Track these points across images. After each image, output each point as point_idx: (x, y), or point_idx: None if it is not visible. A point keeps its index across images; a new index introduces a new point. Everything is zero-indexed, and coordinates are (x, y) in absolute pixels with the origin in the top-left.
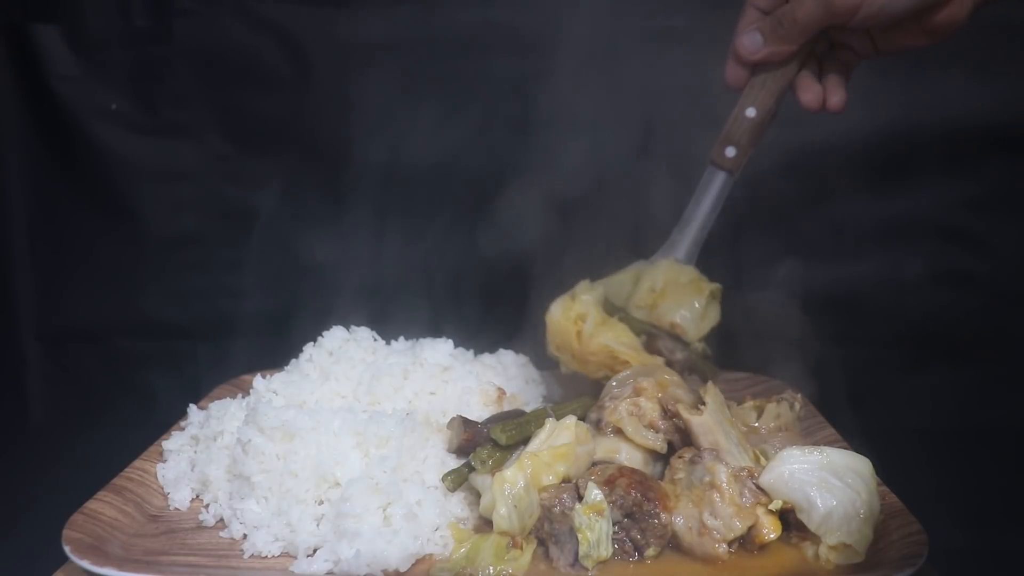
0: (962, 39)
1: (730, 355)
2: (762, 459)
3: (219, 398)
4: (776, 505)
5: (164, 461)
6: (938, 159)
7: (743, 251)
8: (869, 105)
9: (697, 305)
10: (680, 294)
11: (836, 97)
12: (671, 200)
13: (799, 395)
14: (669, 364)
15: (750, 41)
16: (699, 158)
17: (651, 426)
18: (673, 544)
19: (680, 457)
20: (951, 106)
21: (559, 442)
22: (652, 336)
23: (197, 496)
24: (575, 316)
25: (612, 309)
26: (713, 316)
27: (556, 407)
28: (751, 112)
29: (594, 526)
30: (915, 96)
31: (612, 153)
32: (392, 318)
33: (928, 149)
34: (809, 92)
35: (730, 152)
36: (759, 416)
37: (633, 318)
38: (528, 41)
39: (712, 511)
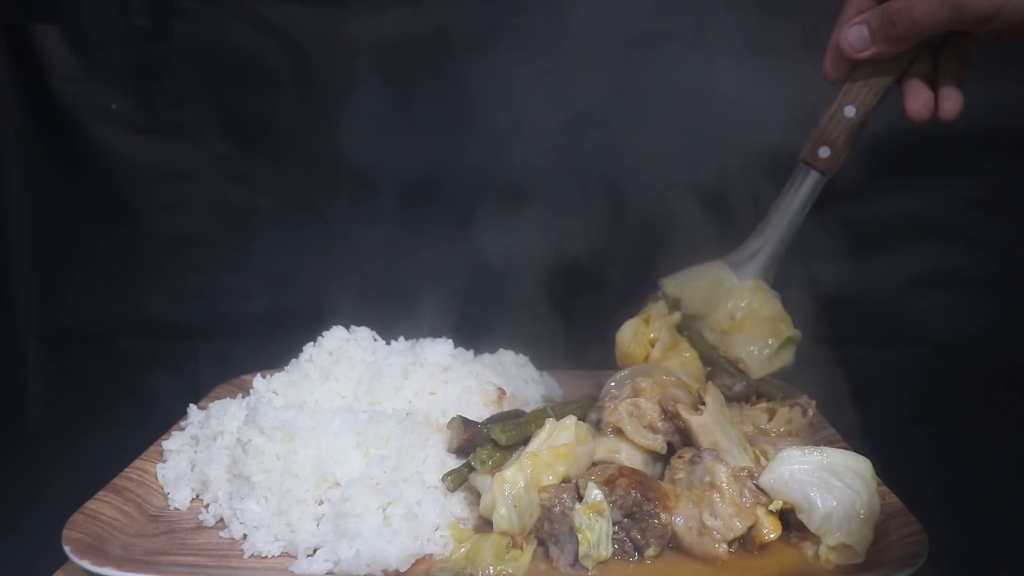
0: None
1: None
2: (762, 459)
3: (219, 398)
4: (776, 505)
5: (164, 461)
6: (938, 159)
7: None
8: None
9: (770, 345)
10: (757, 329)
11: (950, 103)
12: (671, 201)
13: (813, 402)
14: (727, 396)
15: (856, 37)
16: (699, 159)
17: (651, 426)
18: (673, 544)
19: (680, 457)
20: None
21: (559, 442)
22: (716, 368)
23: (197, 496)
24: (646, 341)
25: (685, 322)
26: (784, 359)
27: (556, 407)
28: (850, 111)
29: (594, 526)
30: None
31: (613, 153)
32: (392, 318)
33: (928, 149)
34: (918, 99)
35: (824, 152)
36: (771, 419)
37: (703, 340)
38: (529, 41)
39: (712, 511)
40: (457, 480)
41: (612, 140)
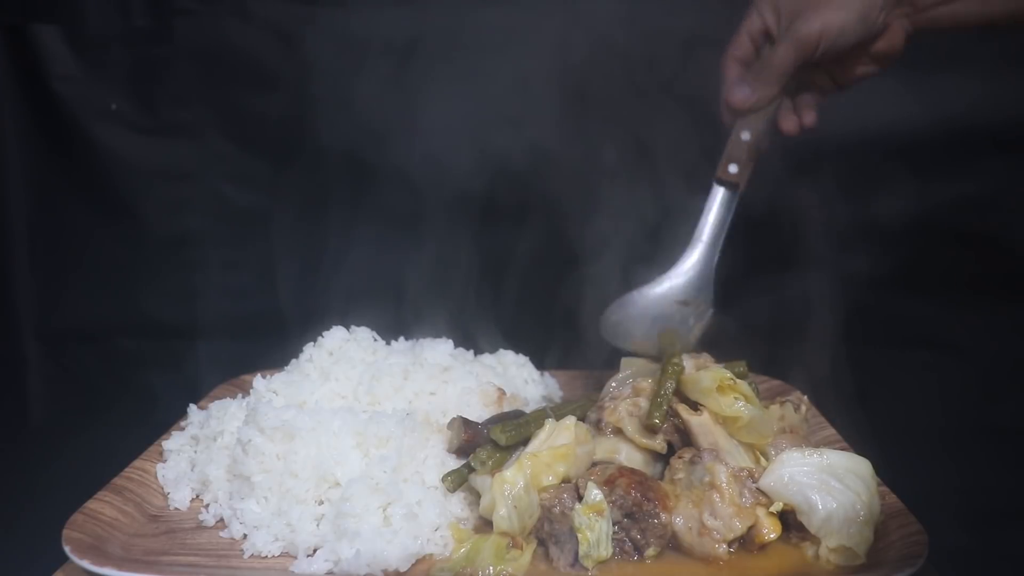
0: (962, 39)
1: (731, 355)
2: (762, 459)
3: (219, 398)
4: (776, 507)
5: (164, 461)
6: (938, 159)
7: (743, 251)
8: (869, 106)
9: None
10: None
11: (808, 117)
12: (668, 201)
13: (805, 397)
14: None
15: (740, 92)
16: (703, 163)
17: (650, 426)
18: (673, 544)
19: (680, 457)
20: (951, 106)
21: (559, 442)
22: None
23: (197, 496)
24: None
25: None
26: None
27: (556, 407)
28: (745, 135)
29: (594, 526)
30: (915, 96)
31: (613, 154)
32: (392, 318)
33: (928, 149)
34: (788, 121)
35: (732, 168)
36: None
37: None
38: (529, 41)
39: (712, 511)
40: (457, 480)
41: (615, 138)
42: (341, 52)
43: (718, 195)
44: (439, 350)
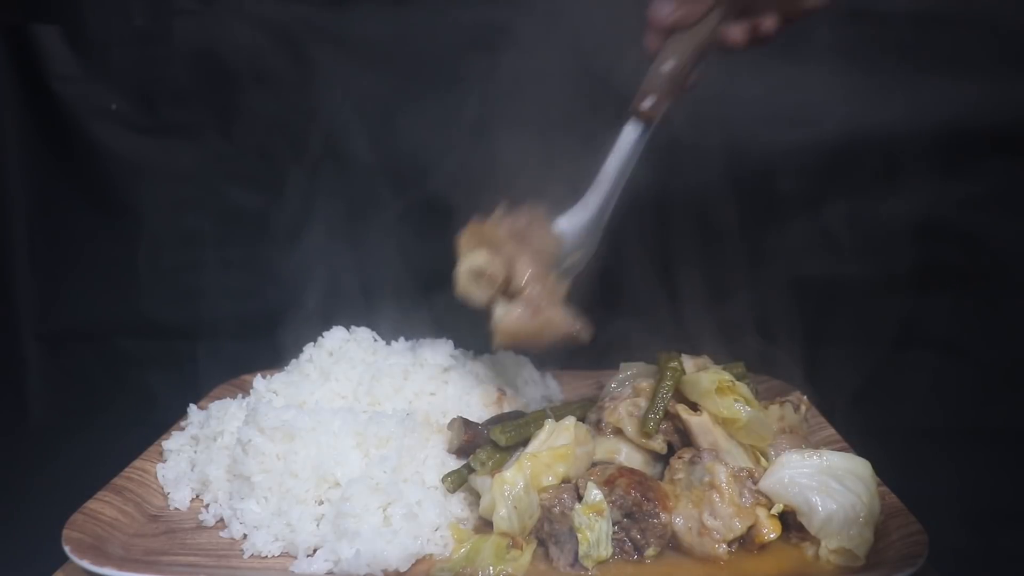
0: (963, 39)
1: (731, 354)
2: (762, 459)
3: (219, 398)
4: (777, 509)
5: (164, 461)
6: (938, 159)
7: (743, 251)
8: (869, 105)
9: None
10: None
11: (766, 24)
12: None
13: (805, 397)
14: None
15: (662, 6)
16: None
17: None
18: (673, 544)
19: (680, 457)
20: (951, 106)
21: (558, 443)
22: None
23: (197, 496)
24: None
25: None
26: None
27: (555, 408)
28: (668, 64)
29: (594, 526)
30: (915, 96)
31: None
32: (392, 318)
33: (928, 149)
34: (734, 32)
35: (647, 103)
36: None
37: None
38: (529, 41)
39: (712, 511)
40: (457, 481)
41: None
42: (340, 52)
43: (626, 130)
44: (439, 350)
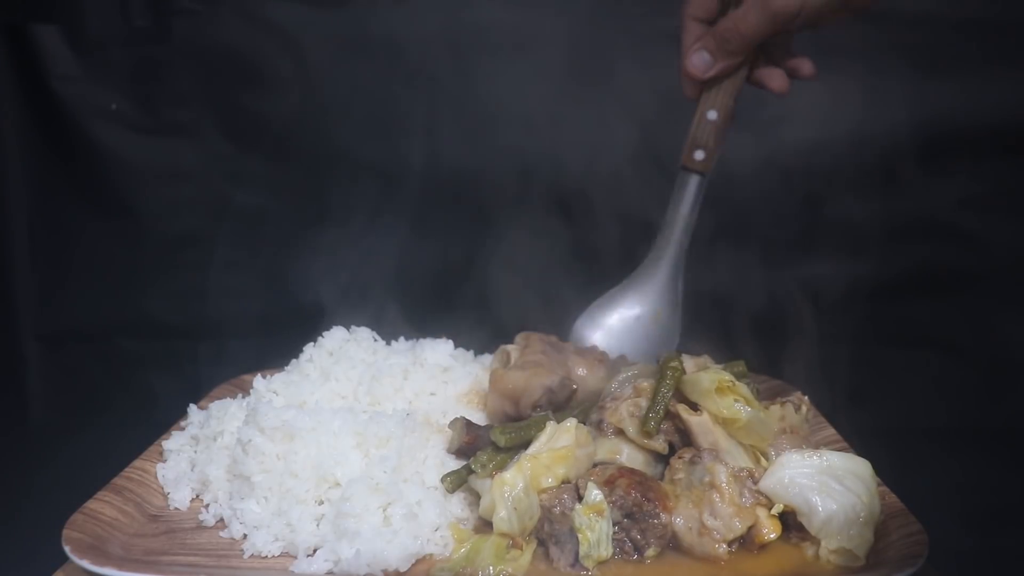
0: (963, 39)
1: (730, 354)
2: (762, 459)
3: (219, 398)
4: (777, 509)
5: (164, 461)
6: (938, 159)
7: (743, 251)
8: (870, 105)
9: None
10: None
11: (805, 66)
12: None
13: (805, 397)
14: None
15: (699, 60)
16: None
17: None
18: (673, 544)
19: (680, 457)
20: (952, 106)
21: (559, 445)
22: None
23: (197, 496)
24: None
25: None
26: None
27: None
28: (712, 115)
29: (594, 526)
30: (915, 96)
31: (609, 155)
32: (392, 318)
33: (928, 149)
34: (775, 79)
35: (699, 155)
36: None
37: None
38: (530, 41)
39: (712, 511)
40: (456, 481)
41: (620, 138)
42: (340, 52)
43: (685, 182)
44: (439, 350)
